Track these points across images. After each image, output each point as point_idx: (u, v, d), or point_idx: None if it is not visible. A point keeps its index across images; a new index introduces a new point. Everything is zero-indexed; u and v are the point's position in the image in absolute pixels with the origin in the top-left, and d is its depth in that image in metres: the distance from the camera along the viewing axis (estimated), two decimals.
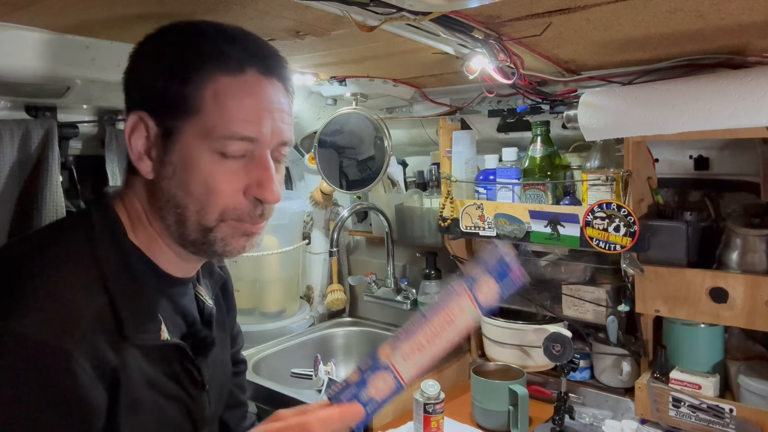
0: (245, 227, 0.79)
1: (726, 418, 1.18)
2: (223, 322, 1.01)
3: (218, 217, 0.77)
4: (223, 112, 0.75)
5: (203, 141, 0.75)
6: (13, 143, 1.20)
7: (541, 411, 1.45)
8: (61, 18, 0.93)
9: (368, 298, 1.87)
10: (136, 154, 0.78)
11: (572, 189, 1.40)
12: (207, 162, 0.75)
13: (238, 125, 0.75)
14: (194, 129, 0.75)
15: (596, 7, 0.85)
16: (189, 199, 0.76)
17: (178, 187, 0.76)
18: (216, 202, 0.76)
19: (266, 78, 0.78)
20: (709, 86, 1.09)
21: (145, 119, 0.77)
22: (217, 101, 0.75)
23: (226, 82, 0.75)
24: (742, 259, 1.20)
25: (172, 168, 0.76)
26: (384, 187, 1.86)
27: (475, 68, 1.07)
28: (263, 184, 0.77)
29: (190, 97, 0.74)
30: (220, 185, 0.76)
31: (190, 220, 0.77)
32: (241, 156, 0.76)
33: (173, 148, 0.76)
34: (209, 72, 0.75)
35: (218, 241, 0.78)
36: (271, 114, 0.78)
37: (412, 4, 0.80)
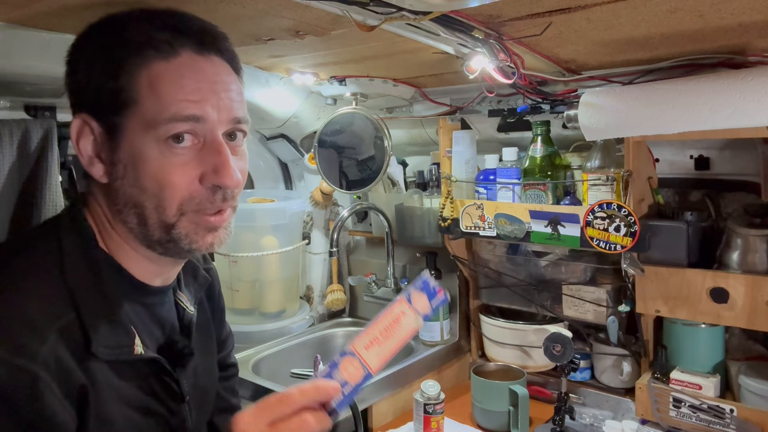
0: (206, 220, 0.75)
1: (726, 418, 1.18)
2: (206, 328, 0.98)
3: (177, 210, 0.73)
4: (160, 98, 0.71)
5: (147, 132, 0.71)
6: (12, 143, 1.20)
7: (541, 411, 1.44)
8: (60, 18, 0.93)
9: (368, 298, 1.87)
10: (86, 158, 0.75)
11: (572, 189, 1.40)
12: (156, 155, 0.72)
13: (177, 106, 0.71)
14: (136, 122, 0.71)
15: (596, 7, 0.85)
16: (145, 197, 0.73)
17: (132, 186, 0.73)
18: (172, 195, 0.72)
19: (203, 56, 0.74)
20: (710, 86, 1.09)
21: (89, 121, 0.74)
22: (152, 88, 0.71)
23: (159, 67, 0.72)
24: (743, 259, 1.20)
25: (122, 167, 0.73)
26: (384, 187, 1.86)
27: (476, 68, 1.07)
28: (218, 169, 0.73)
29: (125, 90, 0.71)
30: (173, 177, 0.72)
31: (151, 219, 0.74)
32: (191, 144, 0.73)
33: (120, 146, 0.73)
34: (140, 60, 0.71)
35: (182, 238, 0.75)
36: (214, 91, 0.74)
37: (412, 4, 0.80)
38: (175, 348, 0.85)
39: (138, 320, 0.79)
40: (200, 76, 0.74)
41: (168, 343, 0.84)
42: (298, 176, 2.14)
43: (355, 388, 0.79)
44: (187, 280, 0.93)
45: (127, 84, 0.71)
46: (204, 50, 0.75)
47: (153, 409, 0.79)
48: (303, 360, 1.73)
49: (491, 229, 1.45)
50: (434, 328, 1.66)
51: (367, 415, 1.42)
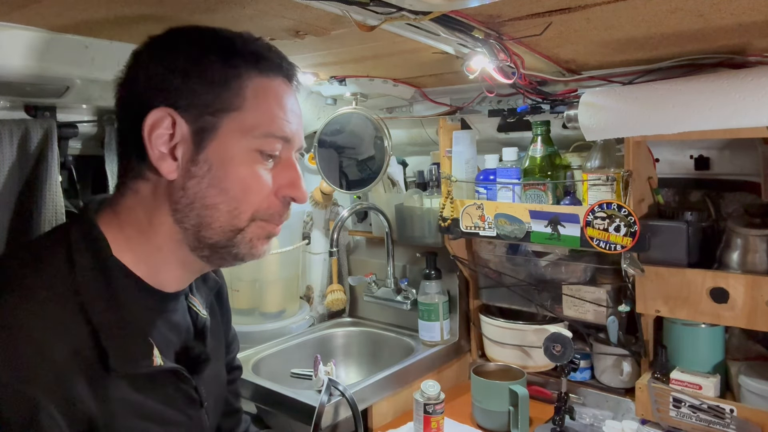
0: (270, 228, 0.79)
1: (726, 418, 1.18)
2: (217, 332, 0.98)
3: (251, 216, 0.76)
4: (264, 111, 0.76)
5: (243, 138, 0.74)
6: (12, 143, 1.20)
7: (541, 411, 1.44)
8: (60, 18, 0.93)
9: (368, 298, 1.87)
10: (157, 153, 0.74)
11: (572, 189, 1.40)
12: (246, 160, 0.75)
13: (278, 124, 0.76)
14: (234, 126, 0.74)
15: (596, 7, 0.85)
16: (222, 198, 0.74)
17: (211, 186, 0.74)
18: (252, 200, 0.75)
19: (289, 83, 0.81)
20: (710, 86, 1.09)
21: (173, 116, 0.73)
22: (257, 100, 0.75)
23: (262, 82, 0.77)
24: (743, 259, 1.20)
25: (206, 166, 0.74)
26: (384, 187, 1.86)
27: (476, 68, 1.07)
28: (295, 184, 0.79)
29: (231, 95, 0.74)
30: (258, 184, 0.76)
31: (218, 221, 0.75)
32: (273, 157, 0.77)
33: (208, 146, 0.74)
34: (247, 71, 0.76)
35: (244, 243, 0.77)
36: (297, 119, 0.81)
37: (412, 4, 0.80)
38: (192, 354, 0.84)
39: (154, 329, 0.78)
40: (291, 102, 0.80)
41: (184, 349, 0.84)
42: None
43: None
44: (198, 285, 0.93)
45: (234, 89, 0.75)
46: (290, 79, 0.82)
47: (172, 419, 0.78)
48: (303, 360, 1.73)
49: (491, 229, 1.45)
50: (434, 328, 1.66)
51: (367, 415, 1.42)
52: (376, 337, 1.86)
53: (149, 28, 0.82)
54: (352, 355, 1.90)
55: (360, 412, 1.33)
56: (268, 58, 0.78)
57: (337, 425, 1.33)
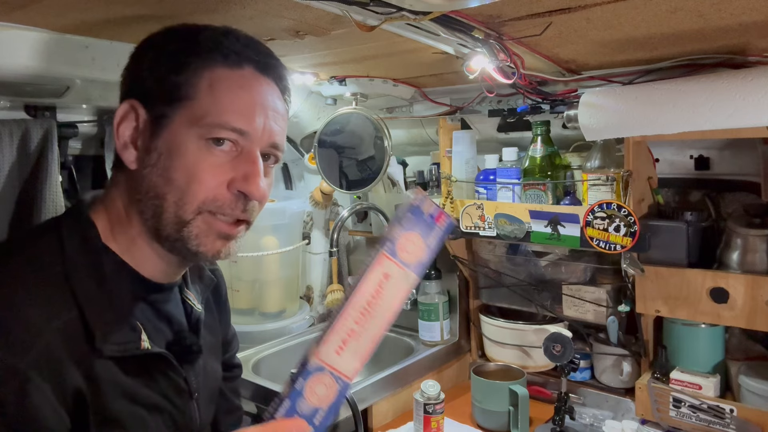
0: (221, 226, 0.76)
1: (726, 418, 1.18)
2: (213, 327, 0.98)
3: (196, 208, 0.74)
4: (216, 101, 0.74)
5: (192, 127, 0.74)
6: (12, 143, 1.20)
7: (541, 411, 1.44)
8: (60, 18, 0.93)
9: None
10: (122, 142, 0.77)
11: (572, 189, 1.40)
12: (193, 149, 0.74)
13: (230, 116, 0.74)
14: (184, 115, 0.74)
15: (596, 7, 0.85)
16: (169, 188, 0.74)
17: (160, 175, 0.74)
18: (197, 191, 0.74)
19: (263, 76, 0.79)
20: (710, 86, 1.09)
21: (136, 107, 0.76)
22: (211, 90, 0.74)
23: (222, 73, 0.75)
24: (743, 259, 1.20)
25: (156, 155, 0.75)
26: (384, 187, 1.86)
27: (475, 68, 1.07)
28: (249, 178, 0.75)
29: (185, 84, 0.74)
30: (204, 174, 0.74)
31: (167, 212, 0.75)
32: (229, 150, 0.75)
33: (160, 134, 0.75)
34: (206, 61, 0.75)
35: (192, 238, 0.75)
36: (265, 111, 0.77)
37: (412, 4, 0.80)
38: (183, 344, 0.85)
39: (143, 317, 0.79)
40: (256, 93, 0.77)
41: (176, 339, 0.84)
42: (298, 176, 2.14)
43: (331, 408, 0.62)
44: (193, 279, 0.94)
45: (188, 79, 0.74)
46: (265, 72, 0.79)
47: (160, 406, 0.79)
48: None
49: (491, 229, 1.45)
50: (434, 328, 1.66)
51: (367, 415, 1.42)
52: None
53: (149, 28, 0.82)
54: None
55: (360, 412, 1.33)
56: (235, 49, 0.77)
57: (337, 425, 1.33)
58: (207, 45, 0.76)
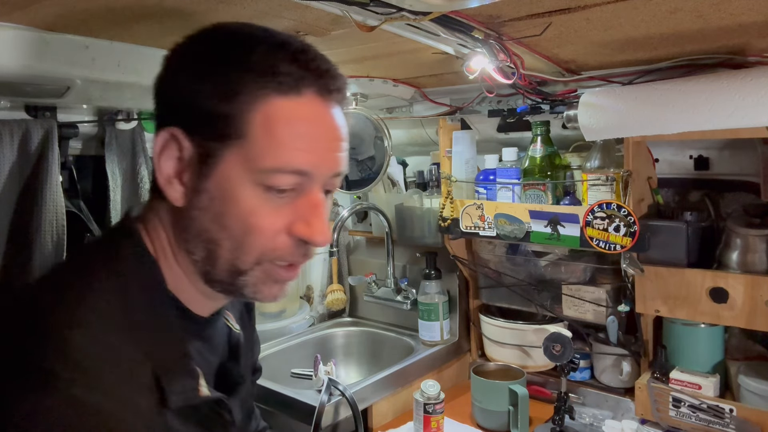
0: (280, 273, 0.69)
1: (726, 418, 1.18)
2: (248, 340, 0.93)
3: (255, 260, 0.67)
4: (273, 140, 0.64)
5: (246, 171, 0.64)
6: (12, 143, 1.20)
7: (541, 411, 1.45)
8: (61, 18, 0.93)
9: (368, 298, 1.87)
10: (165, 177, 0.67)
11: (572, 189, 1.40)
12: (249, 195, 0.65)
13: (290, 156, 0.64)
14: (237, 156, 0.64)
15: (596, 7, 0.85)
16: (224, 235, 0.66)
17: (213, 221, 0.66)
18: (255, 242, 0.66)
19: (325, 101, 0.68)
20: (709, 86, 1.09)
21: (179, 138, 0.66)
22: (267, 127, 0.64)
23: (279, 104, 0.64)
24: (742, 259, 1.20)
25: (207, 198, 0.66)
26: (384, 187, 1.86)
27: (475, 68, 1.07)
28: (312, 224, 0.67)
29: (236, 119, 0.64)
30: (263, 222, 0.65)
31: (222, 259, 0.67)
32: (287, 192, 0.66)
33: (210, 174, 0.65)
34: (261, 91, 0.64)
35: (248, 286, 0.69)
36: (329, 143, 0.68)
37: (412, 4, 0.80)
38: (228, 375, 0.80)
39: (199, 356, 0.74)
40: (319, 124, 0.67)
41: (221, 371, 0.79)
42: None
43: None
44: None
45: (240, 113, 0.64)
46: (326, 95, 0.68)
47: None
48: (303, 360, 1.73)
49: (491, 229, 1.45)
50: (434, 328, 1.66)
51: (367, 414, 1.42)
52: (376, 337, 1.87)
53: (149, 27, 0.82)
54: (352, 355, 1.90)
55: (360, 411, 1.33)
56: (292, 73, 0.65)
57: (337, 425, 1.34)
58: (261, 69, 0.64)
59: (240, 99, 0.64)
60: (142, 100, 1.32)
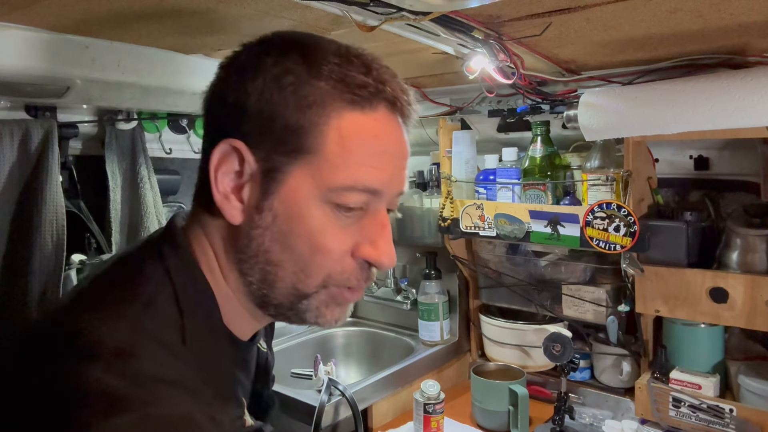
0: (344, 295, 0.66)
1: (726, 418, 1.18)
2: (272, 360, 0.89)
3: (321, 282, 0.63)
4: (346, 157, 0.61)
5: (316, 188, 0.61)
6: (12, 143, 1.20)
7: (541, 411, 1.45)
8: (61, 18, 0.93)
9: (368, 298, 1.87)
10: (222, 193, 0.62)
11: (572, 189, 1.40)
12: (318, 214, 0.61)
13: (363, 173, 0.62)
14: (307, 172, 0.61)
15: (596, 7, 0.85)
16: (287, 256, 0.62)
17: (276, 240, 0.62)
18: (322, 263, 0.62)
19: (395, 116, 0.65)
20: (710, 86, 1.09)
21: (242, 151, 0.61)
22: (341, 142, 0.61)
23: (354, 119, 0.61)
24: (742, 259, 1.20)
25: (270, 216, 0.62)
26: None
27: (475, 68, 1.07)
28: (378, 245, 0.64)
29: (309, 133, 0.60)
30: (331, 243, 0.62)
31: (283, 282, 0.63)
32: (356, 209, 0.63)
33: (275, 191, 0.61)
34: (335, 104, 0.61)
35: (311, 310, 0.65)
36: (397, 162, 0.65)
37: (412, 4, 0.80)
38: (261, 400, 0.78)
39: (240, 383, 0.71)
40: (390, 141, 0.64)
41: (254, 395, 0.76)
42: None
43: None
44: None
45: (314, 128, 0.60)
46: (397, 111, 0.65)
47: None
48: (303, 360, 1.73)
49: (491, 229, 1.45)
50: (434, 328, 1.66)
51: (367, 414, 1.42)
52: (376, 337, 1.87)
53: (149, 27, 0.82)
54: (352, 355, 1.90)
55: (360, 411, 1.33)
56: (365, 85, 0.62)
57: (337, 425, 1.34)
58: (335, 79, 0.61)
59: (314, 112, 0.61)
60: (142, 100, 1.32)
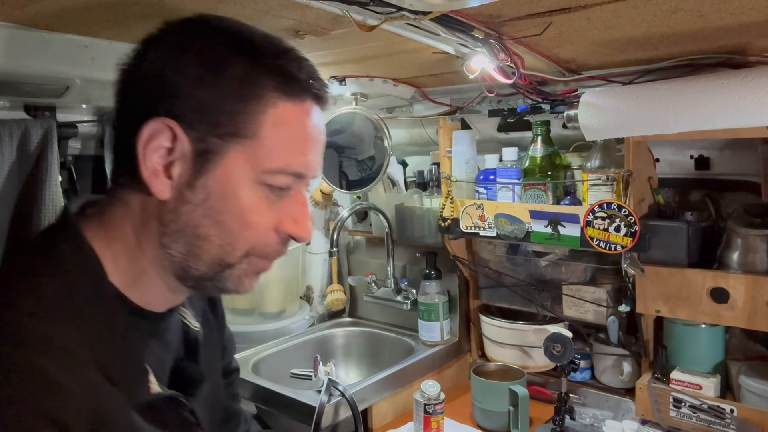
0: (263, 265, 0.73)
1: (727, 418, 1.18)
2: (212, 339, 0.93)
3: (245, 253, 0.69)
4: (279, 143, 0.67)
5: (251, 170, 0.66)
6: (12, 143, 1.20)
7: (541, 411, 1.44)
8: (60, 17, 0.93)
9: (368, 298, 1.87)
10: (150, 168, 0.65)
11: (573, 189, 1.40)
12: (249, 194, 0.67)
13: (293, 159, 0.68)
14: (242, 155, 0.66)
15: (596, 7, 0.85)
16: (216, 232, 0.67)
17: (207, 216, 0.66)
18: (248, 237, 0.68)
19: (318, 107, 0.71)
20: (710, 86, 1.09)
21: (175, 130, 0.64)
22: (276, 129, 0.66)
23: (286, 108, 0.67)
24: (743, 259, 1.20)
25: (203, 194, 0.66)
26: (384, 187, 1.86)
27: (476, 68, 1.07)
28: (299, 222, 0.71)
29: (247, 119, 0.65)
30: (259, 219, 0.68)
31: (208, 254, 0.68)
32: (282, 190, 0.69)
33: (209, 171, 0.65)
34: (272, 95, 0.66)
35: (232, 279, 0.71)
36: (318, 148, 0.72)
37: (412, 4, 0.80)
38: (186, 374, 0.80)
39: (150, 353, 0.73)
40: (314, 128, 0.70)
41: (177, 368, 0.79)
42: None
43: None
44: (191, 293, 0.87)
45: (252, 115, 0.65)
46: (320, 102, 0.71)
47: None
48: (303, 360, 1.73)
49: (491, 229, 1.45)
50: (434, 328, 1.66)
51: (367, 415, 1.42)
52: (376, 337, 1.86)
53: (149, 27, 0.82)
54: (352, 355, 1.90)
55: (360, 412, 1.33)
56: (298, 78, 0.68)
57: (337, 425, 1.33)
58: (272, 72, 0.66)
59: (252, 101, 0.65)
60: None
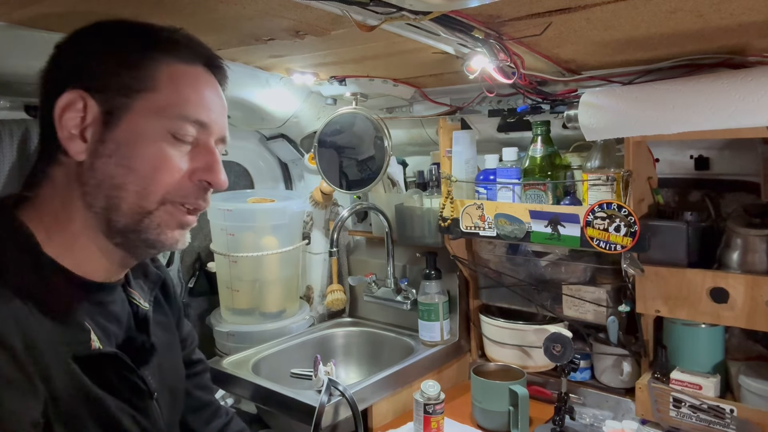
0: (182, 216, 0.78)
1: (727, 418, 1.18)
2: (167, 325, 0.97)
3: (161, 198, 0.75)
4: (178, 93, 0.76)
5: (156, 118, 0.75)
6: (12, 143, 1.20)
7: (541, 411, 1.44)
8: (61, 18, 0.93)
9: (368, 298, 1.87)
10: (66, 133, 0.74)
11: (573, 189, 1.40)
12: (158, 139, 0.75)
13: (193, 108, 0.77)
14: (146, 106, 0.75)
15: (596, 7, 0.85)
16: (130, 178, 0.74)
17: (119, 165, 0.74)
18: (162, 180, 0.75)
19: (212, 74, 0.83)
20: (710, 86, 1.09)
21: (85, 98, 0.74)
22: (172, 82, 0.76)
23: (179, 68, 0.78)
24: (743, 259, 1.20)
25: (114, 145, 0.74)
26: (384, 187, 1.86)
27: (476, 68, 1.07)
28: (212, 167, 0.79)
29: (144, 76, 0.75)
30: (168, 164, 0.75)
31: (126, 202, 0.74)
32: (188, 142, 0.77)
33: (118, 124, 0.74)
34: (164, 56, 0.77)
35: (153, 228, 0.76)
36: (220, 108, 0.82)
37: (412, 4, 0.80)
38: (135, 344, 0.84)
39: (91, 318, 0.77)
40: (211, 90, 0.81)
41: (127, 340, 0.83)
42: (298, 176, 2.14)
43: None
44: (137, 276, 0.92)
45: (148, 72, 0.75)
46: (214, 70, 0.83)
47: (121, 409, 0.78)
48: (303, 360, 1.73)
49: (491, 229, 1.45)
50: (434, 328, 1.66)
51: (367, 415, 1.42)
52: (376, 337, 1.86)
53: None
54: (352, 355, 1.90)
55: (360, 412, 1.33)
56: (188, 46, 0.80)
57: (337, 425, 1.34)
58: (162, 40, 0.78)
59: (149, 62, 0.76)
60: None
